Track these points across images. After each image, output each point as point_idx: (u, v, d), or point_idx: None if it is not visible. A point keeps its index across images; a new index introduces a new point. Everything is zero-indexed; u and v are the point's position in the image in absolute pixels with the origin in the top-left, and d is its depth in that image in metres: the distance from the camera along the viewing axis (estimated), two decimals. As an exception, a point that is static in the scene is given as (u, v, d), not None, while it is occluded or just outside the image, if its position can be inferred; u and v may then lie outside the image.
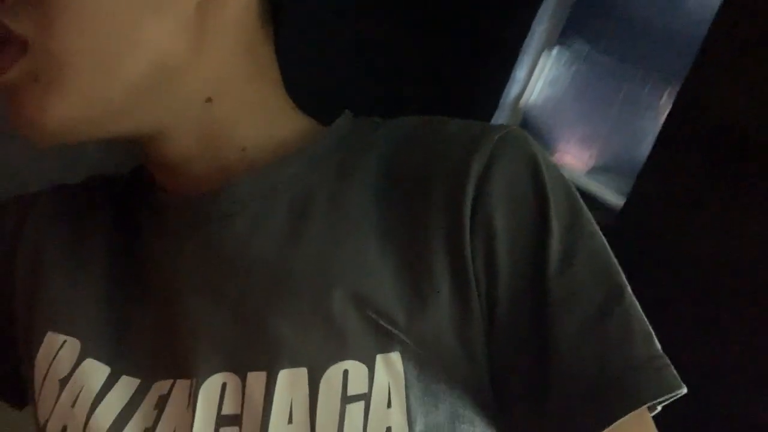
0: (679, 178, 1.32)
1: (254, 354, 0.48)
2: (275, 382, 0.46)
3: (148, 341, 0.53)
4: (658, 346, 0.47)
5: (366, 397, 0.46)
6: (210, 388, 0.48)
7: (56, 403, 0.51)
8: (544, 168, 0.49)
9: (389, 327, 0.47)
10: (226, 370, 0.49)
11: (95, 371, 0.52)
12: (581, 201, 0.51)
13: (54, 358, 0.53)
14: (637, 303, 0.48)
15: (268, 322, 0.48)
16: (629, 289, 0.48)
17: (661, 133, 1.38)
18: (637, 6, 1.93)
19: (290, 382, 0.46)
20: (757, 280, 1.18)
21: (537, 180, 0.49)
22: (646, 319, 0.48)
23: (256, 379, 0.47)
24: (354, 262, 0.49)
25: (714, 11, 1.33)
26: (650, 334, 0.47)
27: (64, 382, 0.52)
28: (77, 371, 0.52)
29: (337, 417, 0.45)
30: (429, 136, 0.53)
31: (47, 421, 0.52)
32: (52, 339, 0.54)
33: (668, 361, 0.46)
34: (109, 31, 0.46)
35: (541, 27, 2.04)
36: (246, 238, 0.52)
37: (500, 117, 2.13)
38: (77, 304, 0.55)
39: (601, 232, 0.50)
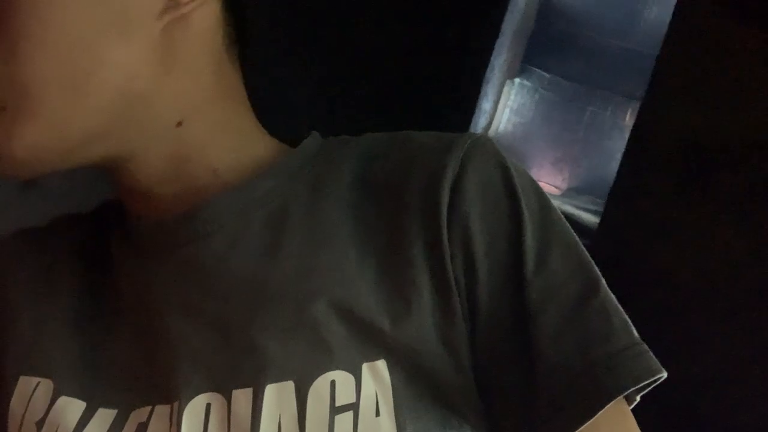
0: (648, 194, 1.34)
1: (239, 371, 0.48)
2: (262, 398, 0.46)
3: (124, 371, 0.53)
4: (636, 333, 0.48)
5: (354, 407, 0.46)
6: (194, 410, 0.48)
7: None
8: (513, 170, 0.51)
9: (373, 335, 0.47)
10: (210, 391, 0.48)
11: (70, 408, 0.51)
12: (550, 200, 0.52)
13: (29, 402, 0.52)
14: (612, 294, 0.49)
15: (251, 337, 0.48)
16: (603, 280, 0.49)
17: (626, 152, 1.40)
18: (591, 31, 1.98)
19: (277, 396, 0.46)
20: (729, 291, 1.20)
21: (508, 182, 0.50)
22: (621, 309, 0.49)
23: (242, 397, 0.47)
24: (334, 273, 0.49)
25: (666, 29, 1.37)
26: (627, 322, 0.48)
27: (40, 424, 0.51)
28: (52, 411, 0.51)
29: (327, 428, 0.45)
30: (400, 147, 0.54)
31: None
32: (25, 382, 0.53)
33: (647, 347, 0.47)
34: (74, 58, 0.46)
35: (500, 58, 2.07)
36: (224, 257, 0.51)
37: (470, 149, 2.15)
38: (47, 344, 0.54)
39: (571, 230, 0.51)
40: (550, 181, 2.08)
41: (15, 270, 0.58)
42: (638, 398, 0.48)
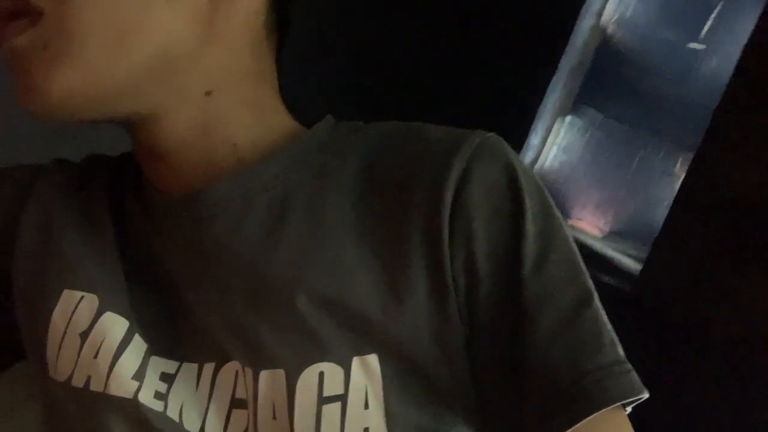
0: (695, 244, 1.32)
1: (242, 353, 0.50)
2: (258, 382, 0.48)
3: (152, 316, 0.54)
4: (622, 351, 0.48)
5: (342, 398, 0.47)
6: (225, 375, 0.51)
7: (78, 356, 0.52)
8: (520, 173, 0.51)
9: (366, 329, 0.48)
10: (233, 360, 0.51)
11: (115, 323, 0.53)
12: (555, 207, 0.52)
13: (72, 314, 0.53)
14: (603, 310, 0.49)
15: (247, 325, 0.50)
16: (596, 294, 0.50)
17: (675, 200, 1.39)
18: (649, 76, 1.97)
19: (270, 382, 0.48)
20: (764, 351, 1.17)
21: (514, 185, 0.50)
22: (610, 324, 0.49)
23: (248, 375, 0.49)
24: (328, 265, 0.50)
25: (725, 81, 1.36)
26: (615, 338, 0.49)
27: (84, 335, 0.53)
28: (97, 324, 0.53)
29: (314, 417, 0.47)
30: (408, 141, 0.54)
31: (71, 375, 0.52)
32: (69, 296, 0.54)
33: (631, 367, 0.48)
34: (122, 13, 0.47)
35: (554, 95, 2.08)
36: (225, 242, 0.52)
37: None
38: (92, 262, 0.55)
39: (571, 239, 0.51)
40: (593, 222, 2.06)
41: (61, 196, 0.59)
42: (629, 409, 0.49)
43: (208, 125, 0.54)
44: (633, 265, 1.68)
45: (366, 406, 0.47)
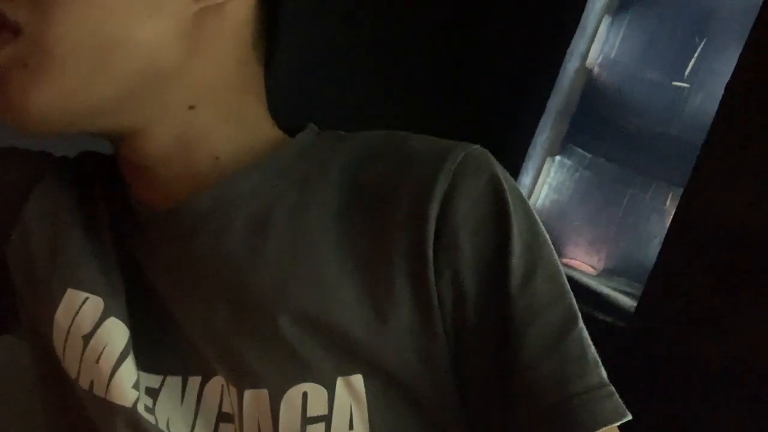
0: (688, 279, 1.33)
1: (226, 371, 0.49)
2: (242, 400, 0.48)
3: (140, 327, 0.53)
4: (604, 372, 0.48)
5: (326, 419, 0.47)
6: (211, 389, 0.50)
7: (81, 359, 0.51)
8: (506, 188, 0.50)
9: (349, 348, 0.47)
10: (218, 375, 0.50)
11: (118, 330, 0.52)
12: (540, 222, 0.52)
13: (76, 315, 0.52)
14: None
15: (230, 344, 0.49)
16: (580, 314, 0.49)
17: (667, 236, 1.39)
18: (635, 115, 2.00)
19: (254, 401, 0.48)
20: (760, 388, 1.17)
21: (500, 200, 0.49)
22: (593, 346, 0.49)
23: (233, 392, 0.49)
24: (309, 283, 0.49)
25: (711, 118, 1.38)
26: (598, 360, 0.49)
27: (87, 338, 0.52)
28: (100, 329, 0.52)
29: None
30: (393, 152, 0.53)
31: (77, 378, 0.52)
32: (73, 296, 0.53)
33: (614, 389, 0.47)
34: (103, 28, 0.46)
35: (542, 136, 2.10)
36: (207, 257, 0.52)
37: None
38: (96, 266, 0.54)
39: (555, 254, 0.51)
40: (586, 260, 2.06)
41: (64, 196, 0.58)
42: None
43: (191, 139, 0.53)
44: (628, 302, 1.68)
45: (351, 427, 0.47)
